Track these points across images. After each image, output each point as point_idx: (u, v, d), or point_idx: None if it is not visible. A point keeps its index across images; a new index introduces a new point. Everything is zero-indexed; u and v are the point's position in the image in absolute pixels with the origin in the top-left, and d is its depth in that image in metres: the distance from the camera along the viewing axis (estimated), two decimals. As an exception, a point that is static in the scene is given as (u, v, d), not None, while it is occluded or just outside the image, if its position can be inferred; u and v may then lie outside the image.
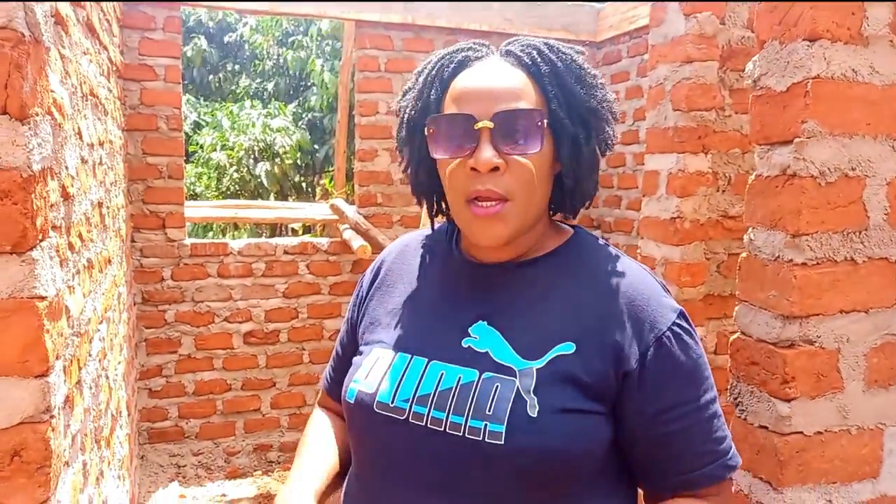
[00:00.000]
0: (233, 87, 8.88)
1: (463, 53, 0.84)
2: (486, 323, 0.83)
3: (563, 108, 0.80)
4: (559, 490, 0.77)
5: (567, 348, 0.78)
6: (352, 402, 0.83)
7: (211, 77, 8.91)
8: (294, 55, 7.82)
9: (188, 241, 3.46)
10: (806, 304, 0.96)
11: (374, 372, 0.84)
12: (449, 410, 0.77)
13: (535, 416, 0.75)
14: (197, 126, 7.51)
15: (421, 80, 0.85)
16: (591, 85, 0.82)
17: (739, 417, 1.07)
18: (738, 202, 2.09)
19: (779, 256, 0.97)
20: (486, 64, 0.82)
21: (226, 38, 9.04)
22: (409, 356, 0.83)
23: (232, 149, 6.71)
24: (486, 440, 0.75)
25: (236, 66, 9.11)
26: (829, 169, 0.93)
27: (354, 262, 3.86)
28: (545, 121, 0.78)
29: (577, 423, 0.76)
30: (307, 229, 6.82)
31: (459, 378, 0.79)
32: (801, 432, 0.99)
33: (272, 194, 7.06)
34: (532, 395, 0.76)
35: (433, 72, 0.84)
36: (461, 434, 0.76)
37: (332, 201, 3.95)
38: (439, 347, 0.83)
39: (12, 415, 0.66)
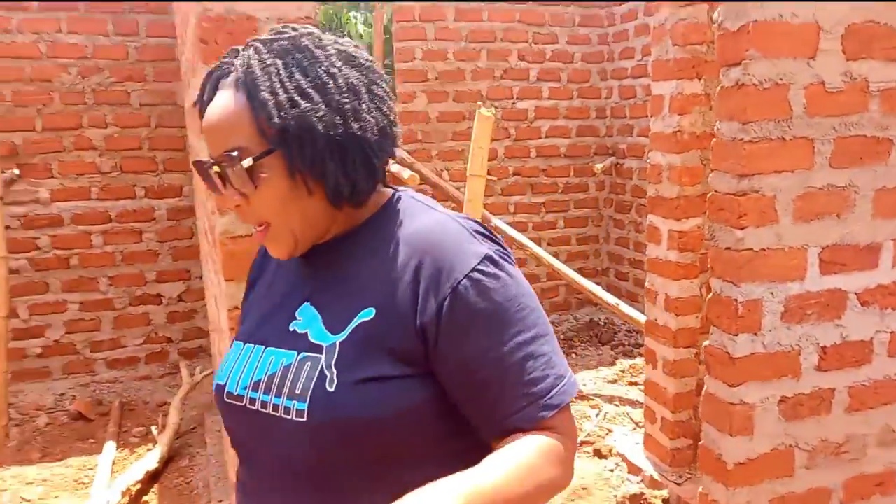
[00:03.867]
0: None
1: (215, 76, 0.83)
2: (308, 304, 0.86)
3: (269, 131, 0.78)
4: (378, 461, 0.79)
5: (367, 314, 0.80)
6: (214, 393, 0.90)
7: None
8: (324, 8, 8.23)
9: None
10: (752, 167, 1.53)
11: (228, 364, 0.89)
12: (272, 393, 0.81)
13: (333, 389, 0.77)
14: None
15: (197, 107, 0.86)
16: (304, 88, 0.78)
17: (713, 245, 1.65)
18: (727, 117, 2.62)
19: (734, 137, 1.54)
20: (220, 91, 0.81)
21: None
22: (252, 345, 0.88)
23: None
24: (294, 419, 0.78)
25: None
26: (764, 80, 1.49)
27: (400, 193, 4.42)
28: (244, 163, 0.78)
29: (376, 392, 0.77)
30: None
31: (282, 361, 0.83)
32: (751, 249, 1.57)
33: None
34: (332, 369, 0.78)
35: (199, 98, 0.85)
36: (278, 414, 0.80)
37: (377, 140, 4.48)
38: (273, 333, 0.86)
39: None
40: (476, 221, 0.86)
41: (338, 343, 0.80)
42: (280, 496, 0.83)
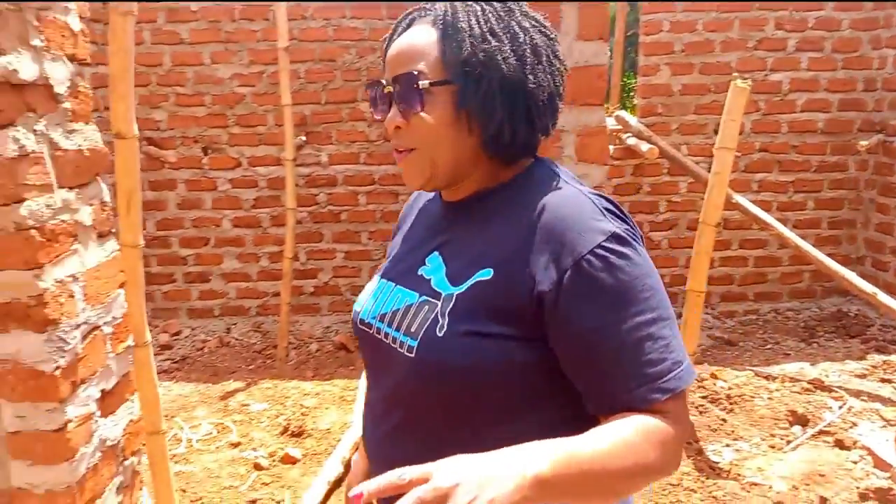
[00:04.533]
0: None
1: (410, 16, 0.91)
2: (437, 253, 0.92)
3: (454, 62, 0.84)
4: (470, 405, 0.83)
5: (485, 274, 0.84)
6: (352, 319, 1.01)
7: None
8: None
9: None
10: None
11: (365, 294, 1.00)
12: (393, 326, 0.90)
13: (441, 335, 0.83)
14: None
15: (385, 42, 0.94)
16: (497, 31, 0.84)
17: None
18: None
19: None
20: (415, 26, 0.89)
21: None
22: (386, 281, 0.97)
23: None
24: (405, 353, 0.86)
25: None
26: None
27: (636, 166, 4.44)
28: (420, 83, 0.84)
29: (479, 345, 0.81)
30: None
31: (406, 300, 0.90)
32: None
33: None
34: (446, 317, 0.84)
35: (389, 36, 0.93)
36: (395, 346, 0.88)
37: (616, 112, 4.53)
38: (404, 274, 0.94)
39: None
40: (607, 198, 0.86)
41: (455, 294, 0.85)
42: (389, 418, 0.92)
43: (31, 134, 1.19)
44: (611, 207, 0.84)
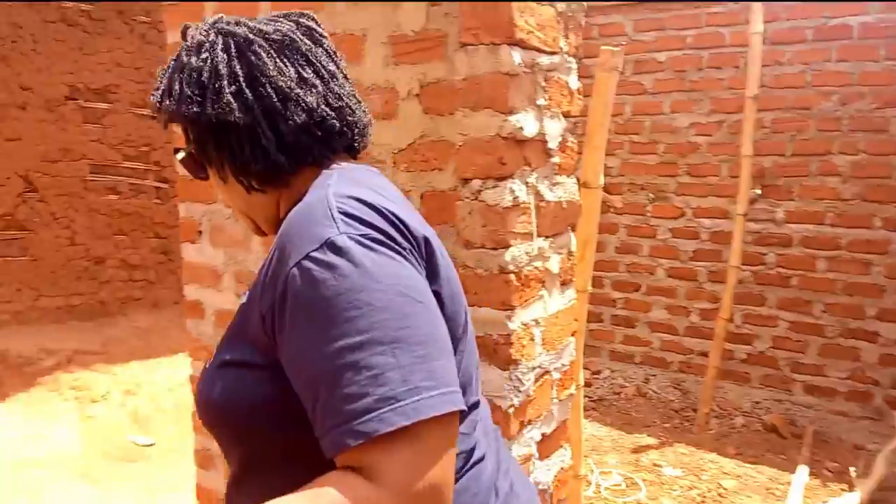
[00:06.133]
0: None
1: None
2: None
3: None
4: (242, 451, 0.77)
5: (244, 298, 0.78)
6: None
7: None
8: None
9: None
10: None
11: None
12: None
13: (208, 367, 0.79)
14: None
15: None
16: (184, 78, 0.81)
17: None
18: None
19: None
20: None
21: None
22: None
23: None
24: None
25: None
26: None
27: None
28: (178, 156, 0.87)
29: (231, 376, 0.74)
30: None
31: None
32: None
33: None
34: (216, 349, 0.80)
35: None
36: None
37: None
38: None
39: None
40: (361, 199, 0.72)
41: (231, 324, 0.80)
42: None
43: (523, 186, 1.28)
44: (350, 210, 0.71)
